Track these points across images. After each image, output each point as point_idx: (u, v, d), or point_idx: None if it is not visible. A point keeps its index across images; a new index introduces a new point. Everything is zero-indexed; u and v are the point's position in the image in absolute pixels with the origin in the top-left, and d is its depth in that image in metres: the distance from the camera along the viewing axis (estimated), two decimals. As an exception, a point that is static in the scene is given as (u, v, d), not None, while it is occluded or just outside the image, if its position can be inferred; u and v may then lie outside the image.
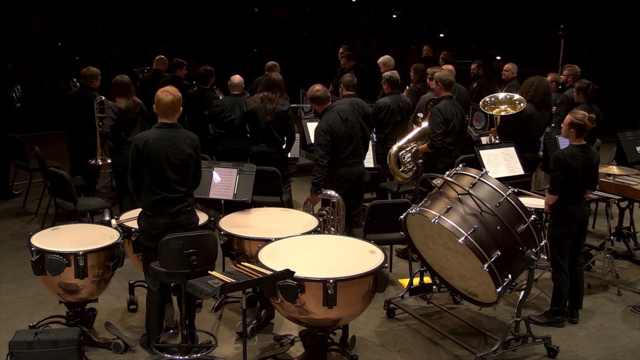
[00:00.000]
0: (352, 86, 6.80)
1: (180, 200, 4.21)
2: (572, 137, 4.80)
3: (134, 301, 5.15)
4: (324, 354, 4.15)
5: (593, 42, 14.62)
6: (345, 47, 10.13)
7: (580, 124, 4.74)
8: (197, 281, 3.60)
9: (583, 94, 6.72)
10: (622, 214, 6.44)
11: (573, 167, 4.69)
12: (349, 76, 6.99)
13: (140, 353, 4.48)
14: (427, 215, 4.28)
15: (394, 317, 5.07)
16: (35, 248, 4.28)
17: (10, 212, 7.62)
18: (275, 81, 6.37)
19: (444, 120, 6.01)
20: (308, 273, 3.78)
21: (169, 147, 4.14)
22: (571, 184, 4.73)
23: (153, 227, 4.20)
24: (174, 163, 4.15)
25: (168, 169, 4.14)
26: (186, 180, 4.23)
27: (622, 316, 5.18)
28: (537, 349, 4.57)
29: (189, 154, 4.19)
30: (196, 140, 4.29)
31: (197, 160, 4.30)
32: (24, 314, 5.03)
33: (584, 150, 4.77)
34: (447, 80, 6.16)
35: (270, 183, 6.05)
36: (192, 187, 4.33)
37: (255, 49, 16.78)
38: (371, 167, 6.67)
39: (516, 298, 4.70)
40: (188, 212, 4.27)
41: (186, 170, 4.21)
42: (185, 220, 4.24)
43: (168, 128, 4.21)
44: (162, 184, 4.15)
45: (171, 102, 4.19)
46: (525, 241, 4.21)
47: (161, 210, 4.18)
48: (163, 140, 4.15)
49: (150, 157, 4.13)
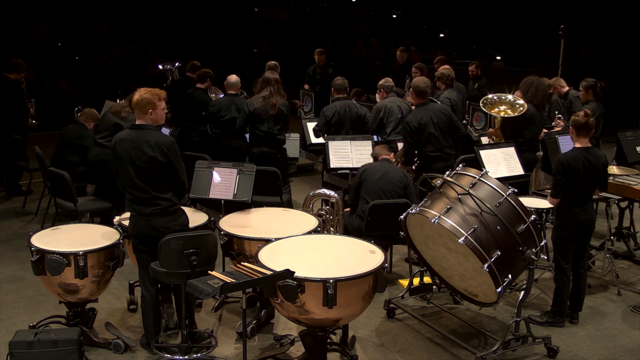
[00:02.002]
0: (343, 89, 6.87)
1: (150, 202, 4.14)
2: (574, 138, 4.79)
3: (134, 301, 5.15)
4: (324, 354, 4.15)
5: (593, 42, 14.62)
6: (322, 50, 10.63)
7: (575, 119, 4.75)
8: (197, 281, 3.60)
9: (592, 92, 6.70)
10: (622, 214, 6.43)
11: (575, 169, 4.65)
12: (340, 79, 7.02)
13: (140, 353, 4.48)
14: (427, 215, 4.28)
15: (394, 317, 5.07)
16: (35, 248, 4.28)
17: (10, 212, 7.62)
18: (270, 79, 6.40)
19: (413, 132, 5.92)
20: (308, 273, 3.78)
21: (132, 148, 4.11)
22: (574, 187, 4.70)
23: (133, 229, 4.25)
24: (137, 164, 4.11)
25: (132, 170, 4.12)
26: (155, 183, 4.13)
27: (622, 316, 5.18)
28: (537, 349, 4.56)
29: (152, 156, 4.07)
30: (165, 144, 4.12)
31: (169, 163, 4.13)
32: (24, 314, 5.03)
33: (587, 152, 4.71)
34: (417, 88, 6.08)
35: (270, 183, 6.06)
36: (168, 189, 4.19)
37: (255, 49, 16.77)
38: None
39: (516, 298, 4.70)
40: (163, 214, 4.17)
41: (152, 173, 4.11)
42: (161, 224, 4.16)
43: (136, 129, 4.19)
44: (130, 184, 4.16)
45: (136, 102, 4.19)
46: (525, 241, 4.21)
47: (136, 210, 4.19)
48: (128, 141, 4.15)
49: (117, 157, 4.18)
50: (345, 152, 6.42)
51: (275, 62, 8.13)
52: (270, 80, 6.41)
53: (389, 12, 20.73)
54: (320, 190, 5.87)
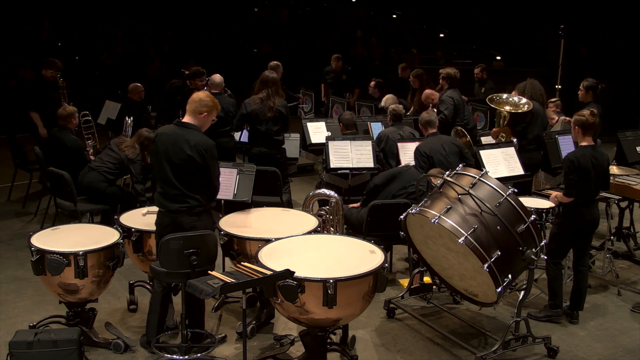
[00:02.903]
0: (352, 125, 6.83)
1: (179, 199, 4.18)
2: (579, 137, 4.83)
3: (134, 301, 5.15)
4: (324, 354, 4.15)
5: (593, 42, 14.62)
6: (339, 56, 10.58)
7: (582, 119, 4.77)
8: (197, 281, 3.60)
9: (592, 93, 6.70)
10: (622, 214, 6.44)
11: (585, 168, 4.69)
12: (349, 115, 6.99)
13: (141, 353, 4.47)
14: (427, 215, 4.28)
15: (394, 317, 5.07)
16: (35, 248, 4.28)
17: (10, 212, 7.62)
18: (268, 80, 6.39)
19: (424, 157, 5.82)
20: (308, 273, 3.77)
21: (171, 145, 4.18)
22: (584, 186, 4.72)
23: (158, 224, 4.29)
24: (173, 161, 4.16)
25: (167, 166, 4.17)
26: (188, 182, 4.18)
27: (622, 316, 5.18)
28: (537, 349, 4.57)
29: (189, 155, 4.13)
30: (204, 146, 4.16)
31: (204, 165, 4.16)
32: (24, 314, 5.03)
33: (594, 150, 4.77)
34: (422, 120, 6.06)
35: (270, 183, 6.06)
36: (199, 191, 4.22)
37: (255, 49, 16.78)
38: (371, 167, 6.66)
39: (516, 298, 4.70)
40: (190, 213, 4.21)
41: (186, 172, 4.16)
42: (187, 222, 4.20)
43: (180, 127, 4.26)
44: (163, 179, 4.23)
45: (198, 99, 4.28)
46: (525, 241, 4.21)
47: (163, 206, 4.23)
48: (169, 136, 4.22)
49: (156, 151, 4.27)
50: (345, 152, 6.42)
51: (278, 62, 8.13)
52: (268, 81, 6.40)
53: (389, 12, 20.74)
54: (320, 190, 5.88)
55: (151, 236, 4.58)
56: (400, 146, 6.45)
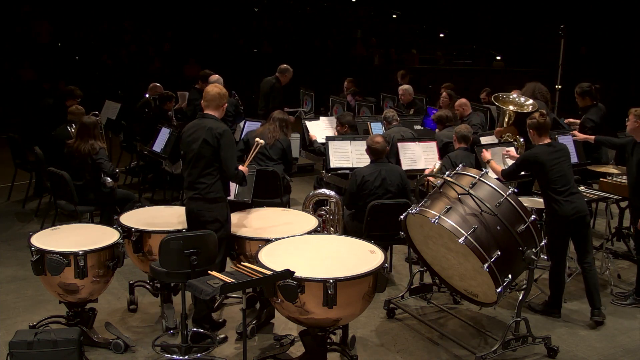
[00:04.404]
0: (353, 126, 7.04)
1: (193, 186, 4.37)
2: (536, 139, 4.94)
3: (134, 301, 5.15)
4: (324, 354, 4.15)
5: (593, 42, 14.62)
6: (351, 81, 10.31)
7: (533, 122, 4.92)
8: (197, 281, 3.60)
9: (589, 97, 6.70)
10: (622, 214, 6.44)
11: (540, 161, 4.79)
12: (349, 115, 7.20)
13: (140, 353, 4.48)
14: (427, 215, 4.28)
15: (394, 317, 5.07)
16: (35, 248, 4.28)
17: (10, 212, 7.62)
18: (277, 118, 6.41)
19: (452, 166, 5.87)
20: (308, 273, 3.77)
21: (192, 133, 4.38)
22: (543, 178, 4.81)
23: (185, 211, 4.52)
24: (192, 148, 4.35)
25: (188, 154, 4.40)
26: (201, 168, 4.33)
27: (622, 316, 5.18)
28: (537, 349, 4.56)
29: (203, 139, 4.29)
30: (218, 129, 4.30)
31: (217, 148, 4.29)
32: (24, 314, 5.03)
33: (549, 146, 4.87)
34: (459, 133, 6.09)
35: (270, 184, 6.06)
36: (210, 177, 4.34)
37: (255, 49, 16.79)
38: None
39: (516, 298, 4.70)
40: (200, 200, 4.35)
41: (200, 156, 4.32)
42: (196, 208, 4.37)
43: (200, 117, 4.47)
44: (186, 168, 4.46)
45: (217, 95, 4.44)
46: (525, 241, 4.21)
47: (186, 194, 4.50)
48: (191, 127, 4.45)
49: (181, 142, 4.52)
50: (345, 152, 6.43)
51: (288, 66, 8.11)
52: (276, 119, 6.42)
53: (389, 12, 20.75)
54: (320, 190, 5.88)
55: (151, 236, 4.60)
56: (400, 146, 6.46)
